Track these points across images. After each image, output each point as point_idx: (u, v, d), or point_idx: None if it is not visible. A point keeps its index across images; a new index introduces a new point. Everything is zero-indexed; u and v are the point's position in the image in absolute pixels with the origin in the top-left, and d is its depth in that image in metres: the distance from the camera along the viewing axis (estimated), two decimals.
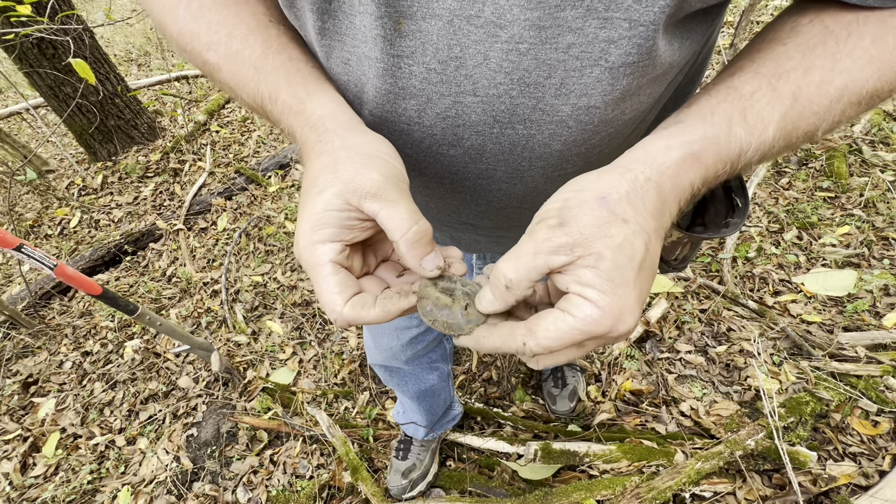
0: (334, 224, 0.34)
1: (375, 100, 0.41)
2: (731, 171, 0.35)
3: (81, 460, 1.61)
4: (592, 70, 0.35)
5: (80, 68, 1.31)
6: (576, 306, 0.30)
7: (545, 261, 0.31)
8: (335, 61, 0.41)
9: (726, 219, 0.59)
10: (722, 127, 0.34)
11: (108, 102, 2.87)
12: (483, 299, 0.35)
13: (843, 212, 1.88)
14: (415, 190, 0.54)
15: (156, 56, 4.78)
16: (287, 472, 1.49)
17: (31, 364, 1.97)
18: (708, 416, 1.38)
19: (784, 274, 1.73)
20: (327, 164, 0.35)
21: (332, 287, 0.34)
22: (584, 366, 1.61)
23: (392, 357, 0.99)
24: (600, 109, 0.38)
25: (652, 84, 0.39)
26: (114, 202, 2.81)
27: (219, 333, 1.96)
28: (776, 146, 0.35)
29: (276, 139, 3.16)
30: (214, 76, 0.44)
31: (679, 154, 0.33)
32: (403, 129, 0.43)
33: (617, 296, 0.29)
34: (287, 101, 0.39)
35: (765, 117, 0.34)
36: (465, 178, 0.47)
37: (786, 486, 1.21)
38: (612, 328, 0.29)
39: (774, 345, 1.52)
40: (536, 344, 0.31)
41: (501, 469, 1.38)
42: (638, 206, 0.31)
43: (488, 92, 0.38)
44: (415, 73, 0.38)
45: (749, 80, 0.35)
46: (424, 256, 0.34)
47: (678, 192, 0.33)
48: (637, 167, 0.33)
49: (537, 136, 0.41)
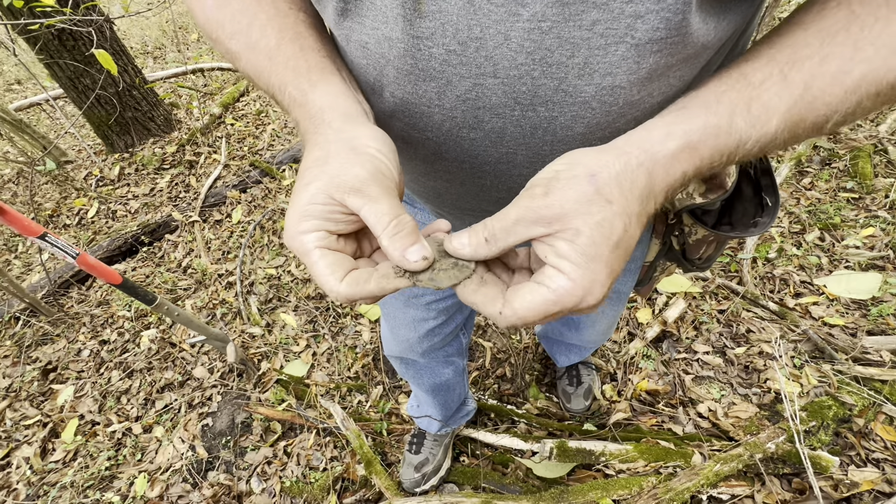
0: (318, 216, 0.35)
1: (396, 82, 0.41)
2: (727, 162, 0.35)
3: (99, 447, 1.64)
4: (618, 48, 0.34)
5: (103, 59, 1.32)
6: (549, 277, 0.32)
7: (525, 230, 0.33)
8: (354, 45, 0.41)
9: (754, 218, 0.57)
10: (724, 117, 0.33)
11: (125, 94, 2.90)
12: (456, 241, 0.36)
13: (867, 213, 1.83)
14: (435, 175, 0.53)
15: (171, 49, 4.82)
16: (301, 463, 1.50)
17: (51, 351, 2.00)
18: (726, 418, 1.36)
19: (805, 275, 1.69)
20: (318, 157, 0.36)
21: (323, 269, 0.34)
22: (600, 364, 1.59)
23: (408, 349, 0.99)
24: (625, 90, 0.37)
25: (683, 65, 0.37)
26: (130, 193, 2.84)
27: (233, 325, 1.98)
28: (779, 138, 0.34)
29: (289, 133, 3.17)
30: (237, 65, 0.44)
31: (676, 144, 0.33)
32: (424, 111, 0.43)
33: (590, 269, 0.31)
34: (292, 94, 0.40)
35: (770, 108, 0.33)
36: (485, 163, 0.47)
37: (806, 490, 1.19)
38: (582, 299, 0.31)
39: (795, 347, 1.49)
40: (512, 313, 0.33)
41: (515, 466, 1.38)
42: (625, 188, 0.32)
43: (509, 73, 0.37)
44: (434, 55, 0.37)
45: (761, 68, 0.34)
46: (408, 248, 0.34)
47: (668, 181, 0.34)
48: (633, 151, 0.33)
49: (559, 118, 0.40)
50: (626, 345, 1.64)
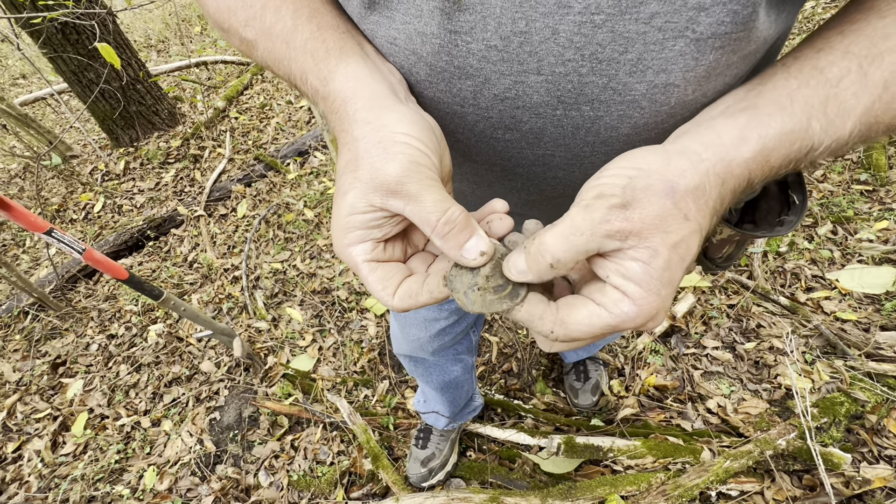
0: (361, 226, 0.33)
1: (427, 80, 0.39)
2: (791, 169, 0.32)
3: (109, 440, 1.65)
4: (676, 42, 0.32)
5: (106, 52, 1.31)
6: (613, 302, 0.28)
7: (598, 244, 0.28)
8: (381, 40, 0.39)
9: (780, 216, 0.55)
10: (800, 121, 0.30)
11: (129, 88, 2.89)
12: (514, 267, 0.31)
13: (881, 206, 1.80)
14: (461, 177, 0.51)
15: (175, 42, 4.80)
16: (308, 457, 1.50)
17: (59, 345, 2.02)
18: (736, 414, 1.35)
19: (817, 270, 1.67)
20: (349, 160, 0.33)
21: (374, 285, 0.34)
22: (607, 359, 1.58)
23: (419, 348, 0.98)
24: (679, 88, 0.35)
25: (741, 62, 0.35)
26: (136, 188, 2.85)
27: (240, 319, 1.98)
28: (850, 142, 0.31)
29: (294, 126, 3.16)
30: (253, 55, 0.41)
31: (752, 151, 0.29)
32: (456, 111, 0.40)
33: (659, 296, 0.28)
34: (314, 85, 0.37)
35: (846, 110, 0.30)
36: (518, 165, 0.45)
37: (816, 487, 1.18)
38: (644, 325, 0.29)
39: (807, 342, 1.47)
40: (565, 334, 0.30)
41: (522, 461, 1.37)
42: (700, 202, 0.29)
43: (554, 70, 0.34)
44: (473, 51, 0.35)
45: (837, 62, 0.30)
46: (463, 244, 0.32)
47: (735, 192, 0.30)
48: (709, 157, 0.29)
49: (605, 117, 0.37)
50: (633, 340, 1.62)
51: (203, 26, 4.91)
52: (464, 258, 0.32)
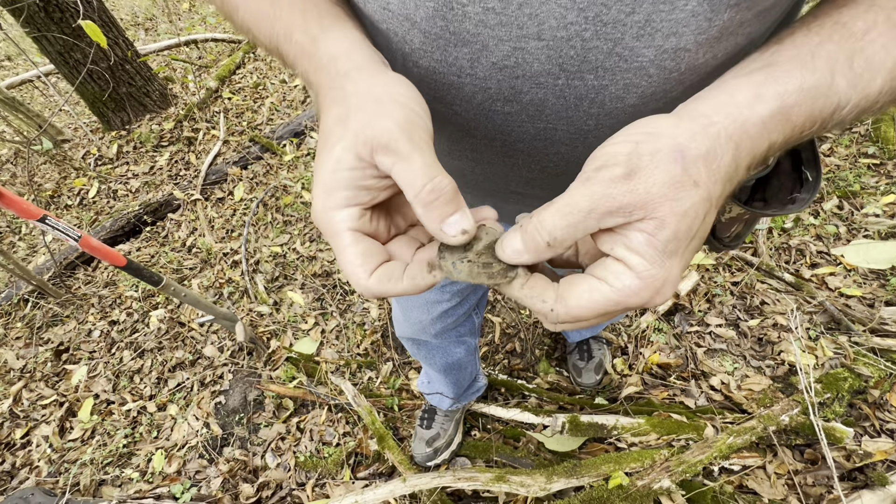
0: (348, 185, 0.30)
1: (421, 48, 0.36)
2: (818, 130, 0.29)
3: (116, 425, 1.67)
4: (688, 2, 0.29)
5: (91, 31, 1.26)
6: (615, 275, 0.27)
7: (597, 222, 0.27)
8: (372, 7, 0.36)
9: (792, 194, 0.53)
10: (823, 76, 0.27)
11: (118, 69, 2.81)
12: (509, 247, 0.29)
13: (888, 180, 1.77)
14: (459, 154, 0.49)
15: (163, 20, 4.65)
16: (314, 439, 1.52)
17: (62, 332, 2.02)
18: (739, 391, 1.36)
19: (822, 245, 1.65)
20: (338, 114, 0.31)
21: (353, 259, 0.30)
22: (610, 338, 1.58)
23: (421, 330, 0.97)
24: (690, 52, 0.32)
25: (755, 20, 0.32)
26: (130, 172, 2.80)
27: (241, 304, 1.98)
28: (880, 101, 0.29)
29: (289, 106, 3.09)
30: (234, 18, 0.39)
31: (768, 109, 0.27)
32: (452, 82, 0.38)
33: (664, 267, 0.26)
34: (300, 41, 0.34)
35: (875, 65, 0.27)
36: (519, 140, 0.42)
37: (818, 460, 1.19)
38: (649, 300, 0.27)
39: (811, 319, 1.47)
40: (566, 312, 0.28)
41: (527, 440, 1.39)
42: (712, 168, 0.27)
43: (556, 34, 0.32)
44: (469, 15, 0.32)
45: (862, 15, 0.28)
46: (445, 218, 0.29)
47: (753, 154, 0.28)
48: (720, 120, 0.27)
49: (610, 87, 0.35)
50: (637, 318, 1.62)
51: (191, 2, 4.74)
52: (444, 232, 0.29)
